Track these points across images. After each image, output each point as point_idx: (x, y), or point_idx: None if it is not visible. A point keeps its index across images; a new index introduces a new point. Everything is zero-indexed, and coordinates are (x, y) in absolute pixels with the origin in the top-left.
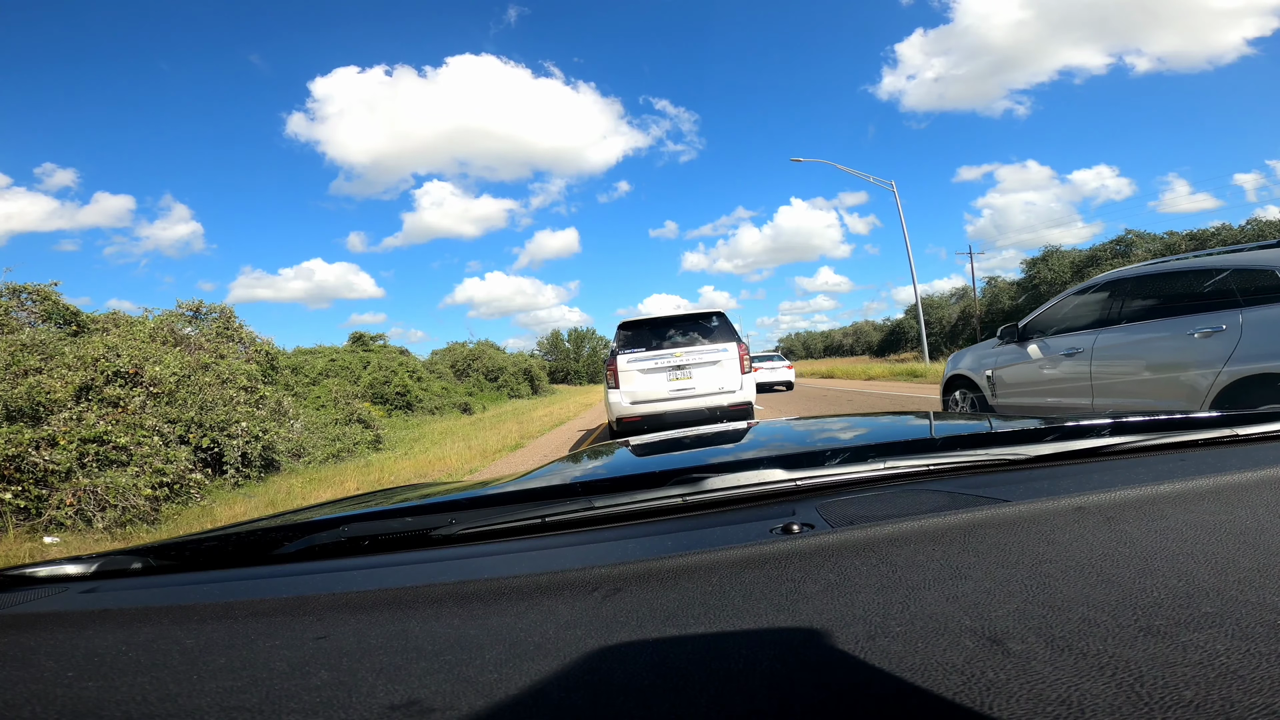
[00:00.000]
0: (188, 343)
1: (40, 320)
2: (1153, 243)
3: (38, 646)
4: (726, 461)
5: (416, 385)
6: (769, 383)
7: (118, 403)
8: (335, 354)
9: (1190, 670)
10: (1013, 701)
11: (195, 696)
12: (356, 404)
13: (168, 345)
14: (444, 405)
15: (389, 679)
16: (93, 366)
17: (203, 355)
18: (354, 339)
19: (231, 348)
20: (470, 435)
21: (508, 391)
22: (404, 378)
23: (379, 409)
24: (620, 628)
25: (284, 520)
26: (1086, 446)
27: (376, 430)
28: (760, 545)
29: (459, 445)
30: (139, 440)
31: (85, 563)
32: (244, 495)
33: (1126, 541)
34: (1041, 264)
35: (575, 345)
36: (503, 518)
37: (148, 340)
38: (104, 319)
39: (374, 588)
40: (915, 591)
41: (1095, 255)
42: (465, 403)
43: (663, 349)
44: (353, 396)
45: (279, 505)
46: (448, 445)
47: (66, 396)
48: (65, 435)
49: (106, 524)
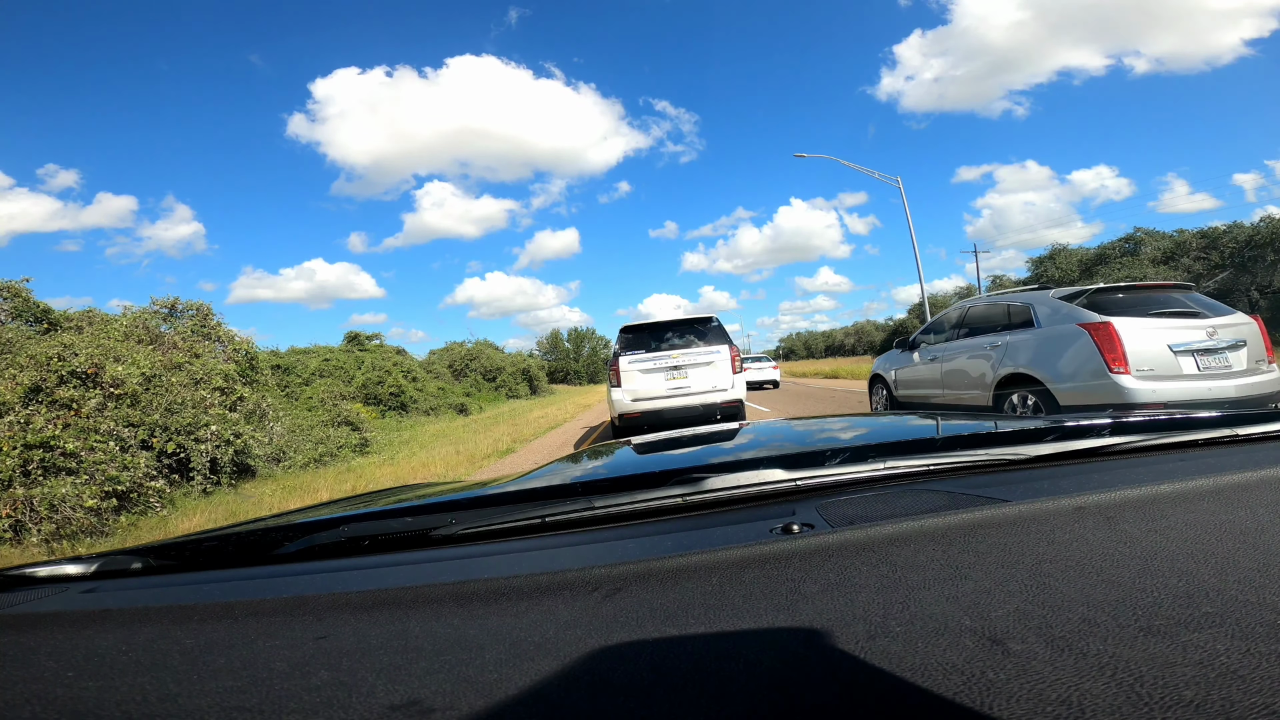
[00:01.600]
0: (161, 341)
1: (10, 318)
2: (1162, 240)
3: (38, 646)
4: (726, 461)
5: (411, 386)
6: (757, 381)
7: (71, 405)
8: (330, 354)
9: (1190, 670)
10: (1013, 701)
11: (195, 696)
12: (345, 405)
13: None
14: (440, 406)
15: (389, 679)
16: (45, 366)
17: (176, 354)
18: (349, 338)
19: (208, 346)
20: (462, 438)
21: (506, 392)
22: (398, 378)
23: (372, 410)
24: (620, 628)
25: (284, 520)
26: (1086, 446)
27: (365, 433)
28: (760, 545)
29: (447, 449)
30: (91, 445)
31: (85, 563)
32: (210, 504)
33: (1127, 541)
34: (1049, 262)
35: (575, 345)
36: (503, 518)
37: (121, 339)
38: (78, 316)
39: (374, 588)
40: (915, 591)
41: (1104, 254)
42: (462, 404)
43: (661, 351)
44: (344, 397)
45: (239, 516)
46: (436, 449)
47: (15, 399)
48: (9, 441)
49: (43, 537)
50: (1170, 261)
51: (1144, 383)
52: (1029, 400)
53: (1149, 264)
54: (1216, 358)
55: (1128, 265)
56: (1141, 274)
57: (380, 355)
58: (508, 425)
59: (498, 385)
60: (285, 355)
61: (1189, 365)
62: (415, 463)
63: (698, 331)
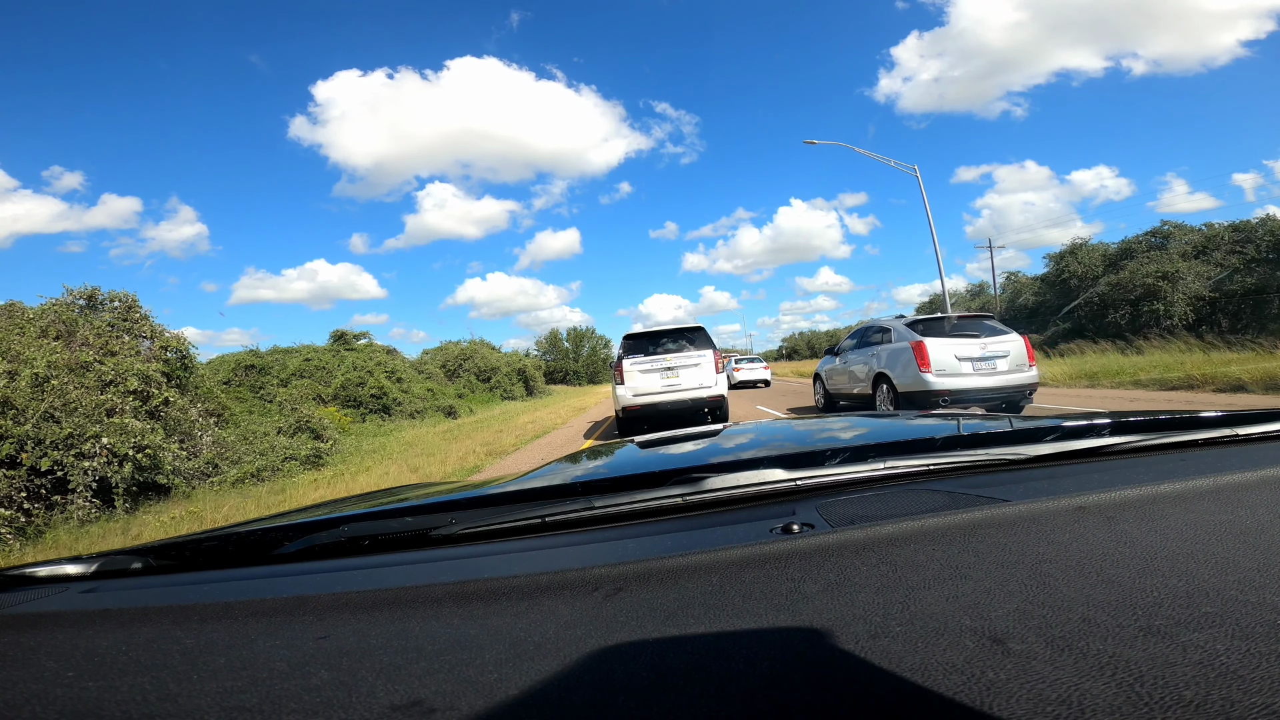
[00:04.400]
0: (73, 338)
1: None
2: (1191, 234)
3: (38, 646)
4: (726, 461)
5: (396, 387)
6: (751, 380)
7: None
8: (312, 353)
9: (1190, 670)
10: (1013, 701)
11: (195, 696)
12: (307, 409)
13: (61, 339)
14: (427, 409)
15: (389, 679)
16: None
17: (85, 353)
18: (335, 337)
19: (128, 343)
20: (434, 448)
21: (500, 393)
22: (380, 379)
23: (348, 414)
24: (620, 628)
25: (284, 520)
26: (1086, 446)
27: (327, 441)
28: (760, 545)
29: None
30: None
31: (85, 563)
32: (82, 534)
33: (1127, 541)
34: (1070, 257)
35: (575, 344)
36: (503, 518)
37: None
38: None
39: (374, 588)
40: (915, 591)
41: (1130, 247)
42: (451, 406)
43: (657, 354)
44: (322, 399)
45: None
46: (395, 463)
47: None
48: None
49: None
50: (1202, 256)
51: (940, 379)
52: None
53: (1179, 258)
54: (986, 363)
55: (1156, 259)
56: (1173, 269)
57: (366, 355)
58: (490, 432)
59: (492, 386)
60: (266, 355)
61: (967, 368)
62: (367, 480)
63: (688, 338)
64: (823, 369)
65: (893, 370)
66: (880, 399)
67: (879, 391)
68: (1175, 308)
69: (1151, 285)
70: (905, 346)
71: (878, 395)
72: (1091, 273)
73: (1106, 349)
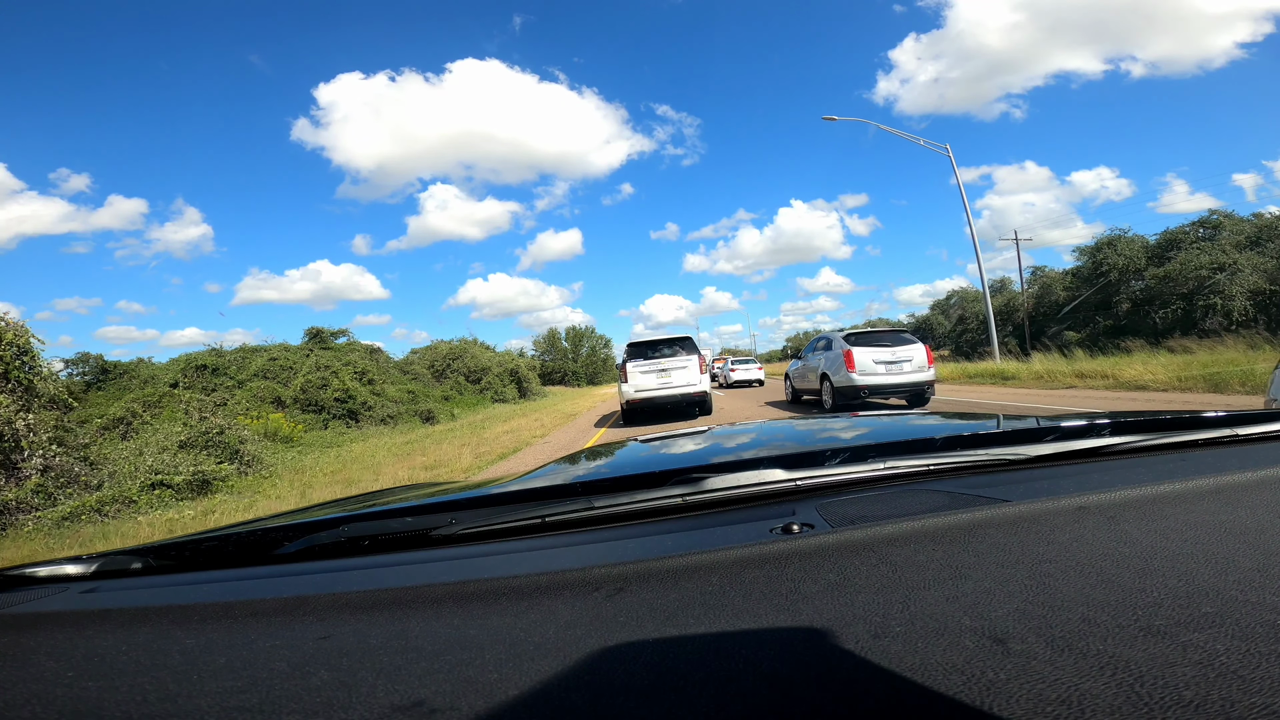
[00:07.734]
0: None
1: None
2: (1242, 225)
3: (38, 646)
4: (727, 461)
5: (365, 389)
6: (746, 380)
7: None
8: (280, 352)
9: (1190, 670)
10: (1013, 701)
11: (195, 697)
12: (220, 418)
13: None
14: (402, 413)
15: (390, 679)
16: None
17: None
18: (310, 335)
19: None
20: (382, 466)
21: (491, 395)
22: (346, 379)
23: (305, 420)
24: (621, 628)
25: (284, 520)
26: (1087, 446)
27: (251, 455)
28: (760, 545)
29: (297, 497)
30: None
31: (85, 563)
32: None
33: (1127, 541)
34: (1108, 249)
35: (574, 344)
36: (503, 518)
37: None
38: None
39: (374, 588)
40: (915, 591)
41: (1176, 238)
42: (430, 410)
43: (654, 359)
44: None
45: None
46: (293, 493)
47: None
48: None
49: None
50: (1256, 247)
51: (862, 377)
52: (827, 385)
53: (1232, 249)
54: (895, 365)
55: (1208, 250)
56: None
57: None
58: (453, 445)
59: (482, 387)
60: (228, 354)
61: (881, 369)
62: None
63: (679, 346)
64: (791, 370)
65: (831, 370)
66: (825, 392)
67: (824, 387)
68: (1235, 302)
69: (1205, 278)
70: (839, 353)
71: (823, 389)
72: (1134, 265)
73: (1174, 347)
